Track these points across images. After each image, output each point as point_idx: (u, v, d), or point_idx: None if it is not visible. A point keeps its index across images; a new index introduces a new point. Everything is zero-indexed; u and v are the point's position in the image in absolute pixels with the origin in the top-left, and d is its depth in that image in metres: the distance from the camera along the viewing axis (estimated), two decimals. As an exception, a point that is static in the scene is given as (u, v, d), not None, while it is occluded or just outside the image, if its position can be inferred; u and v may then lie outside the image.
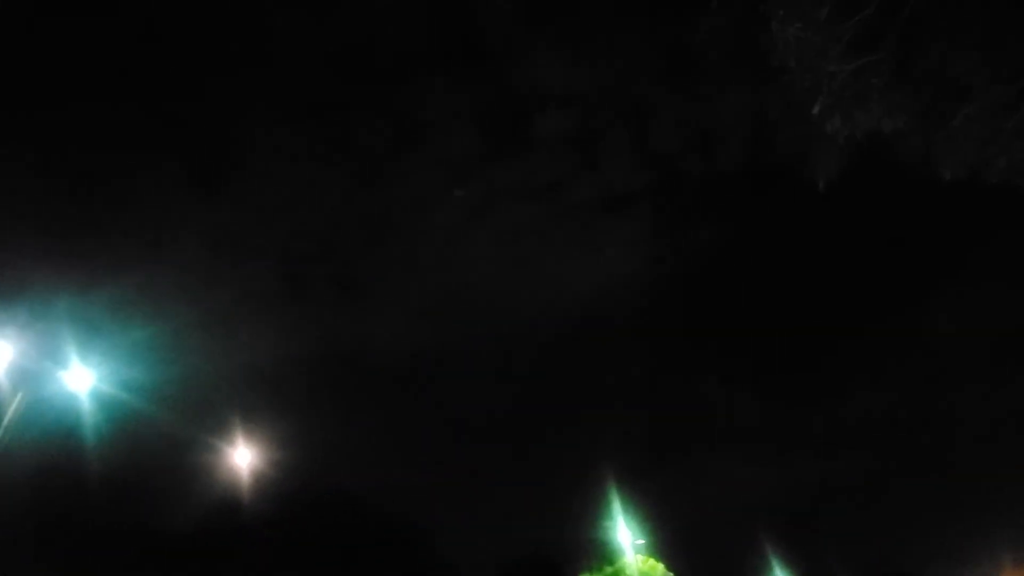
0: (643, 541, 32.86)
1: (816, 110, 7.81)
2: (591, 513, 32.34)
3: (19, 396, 12.70)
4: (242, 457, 18.84)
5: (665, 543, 34.20)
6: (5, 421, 12.35)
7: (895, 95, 7.85)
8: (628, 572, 31.81)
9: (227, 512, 27.45)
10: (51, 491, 23.90)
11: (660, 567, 33.28)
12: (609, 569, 32.75)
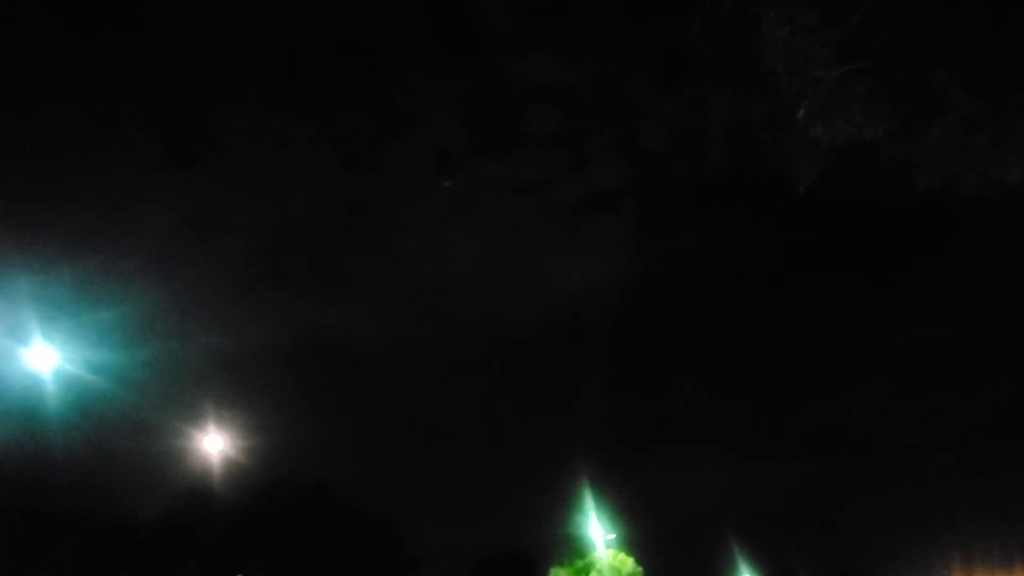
0: (614, 536, 33.31)
1: (800, 115, 7.91)
2: (564, 508, 32.64)
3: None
4: (213, 444, 18.45)
5: (636, 538, 34.73)
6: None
7: (877, 104, 8.00)
8: (599, 566, 32.19)
9: (195, 500, 26.91)
10: (9, 474, 23.10)
11: (630, 561, 33.76)
12: (580, 563, 33.09)
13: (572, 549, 33.55)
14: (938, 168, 8.59)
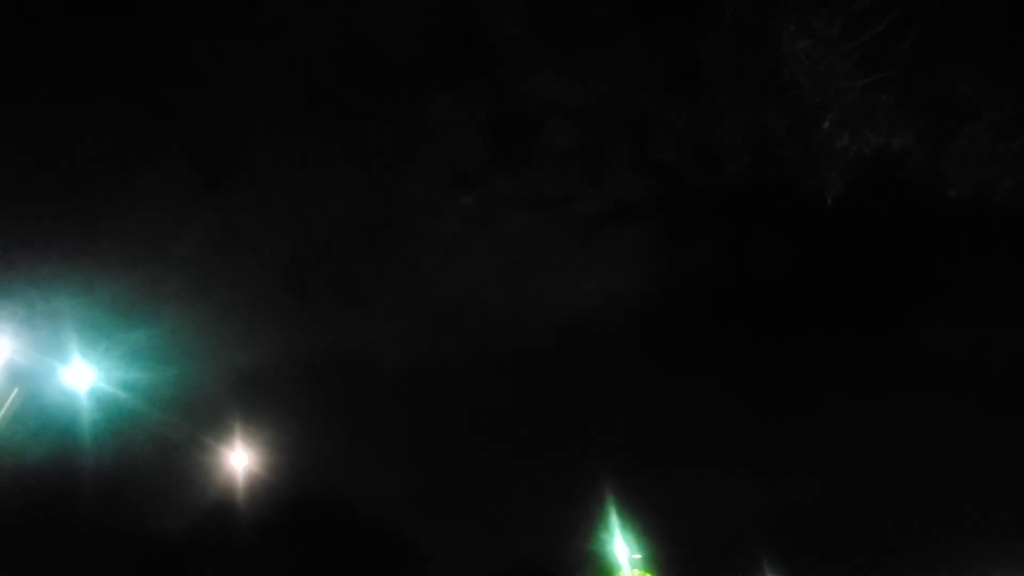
0: (640, 555, 32.63)
1: (825, 126, 7.86)
2: (588, 526, 32.14)
3: (15, 392, 12.61)
4: (239, 460, 18.71)
5: (662, 558, 33.95)
6: (-1, 417, 12.26)
7: (903, 113, 7.91)
8: (623, 586, 31.49)
9: (221, 516, 27.23)
10: (43, 489, 23.67)
11: (656, 582, 32.97)
12: (604, 583, 32.43)
13: (596, 568, 32.95)
14: (968, 175, 8.44)
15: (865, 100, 7.76)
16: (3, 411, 12.22)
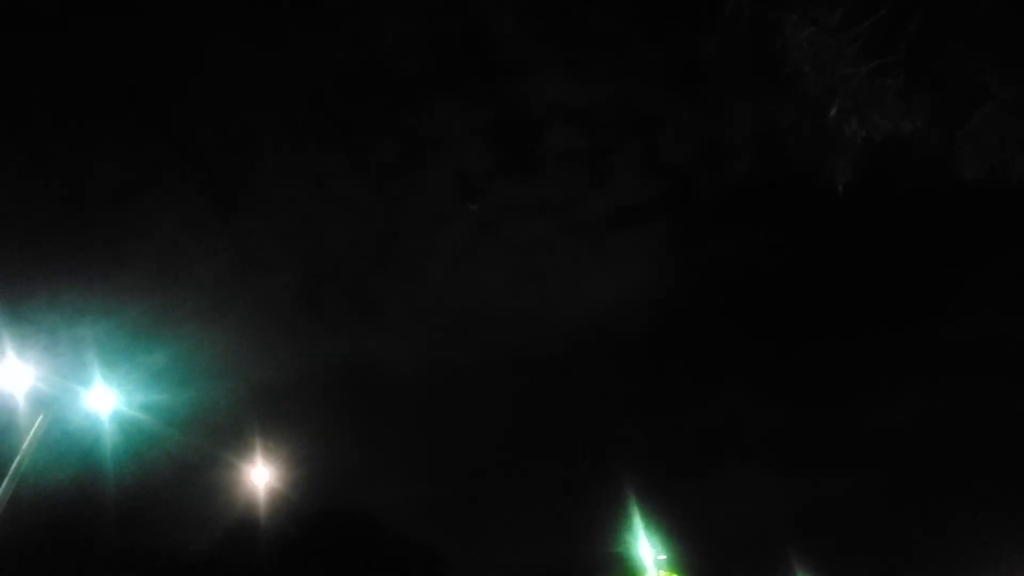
0: (665, 556, 32.27)
1: (833, 113, 7.78)
2: (612, 527, 31.89)
3: (40, 419, 12.80)
4: (260, 476, 18.82)
5: (688, 558, 33.57)
6: (26, 444, 12.45)
7: (912, 96, 7.80)
8: (649, 588, 31.16)
9: (244, 531, 27.37)
10: (69, 511, 23.97)
11: (682, 583, 32.57)
12: (630, 585, 32.12)
13: (622, 570, 32.66)
14: (982, 157, 8.31)
15: (872, 85, 7.67)
16: (29, 438, 12.40)
